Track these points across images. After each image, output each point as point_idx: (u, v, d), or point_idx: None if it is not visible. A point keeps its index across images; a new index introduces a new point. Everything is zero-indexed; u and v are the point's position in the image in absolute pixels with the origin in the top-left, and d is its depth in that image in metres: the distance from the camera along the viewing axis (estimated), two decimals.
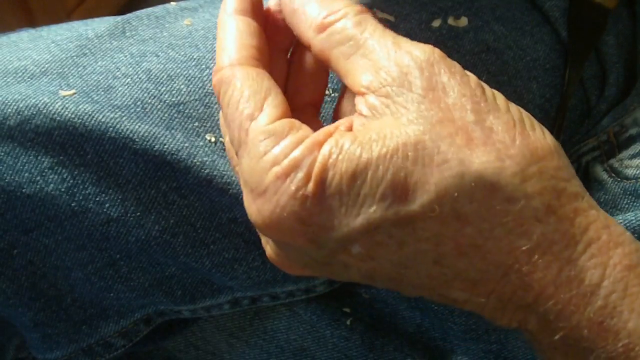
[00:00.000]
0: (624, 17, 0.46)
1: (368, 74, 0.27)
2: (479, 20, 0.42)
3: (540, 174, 0.25)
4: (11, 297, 0.38)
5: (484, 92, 0.27)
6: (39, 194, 0.36)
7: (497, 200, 0.25)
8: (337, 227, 0.26)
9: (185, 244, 0.38)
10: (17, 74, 0.37)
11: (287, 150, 0.27)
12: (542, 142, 0.26)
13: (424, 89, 0.26)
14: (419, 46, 0.27)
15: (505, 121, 0.26)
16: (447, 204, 0.25)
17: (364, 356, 0.43)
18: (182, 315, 0.41)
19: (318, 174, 0.26)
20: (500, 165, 0.25)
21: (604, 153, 0.43)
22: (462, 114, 0.26)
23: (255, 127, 0.28)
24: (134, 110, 0.36)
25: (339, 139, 0.26)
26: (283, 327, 0.43)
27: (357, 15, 0.29)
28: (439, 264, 0.27)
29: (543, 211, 0.25)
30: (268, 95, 0.29)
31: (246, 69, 0.29)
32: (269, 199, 0.27)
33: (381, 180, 0.25)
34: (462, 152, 0.25)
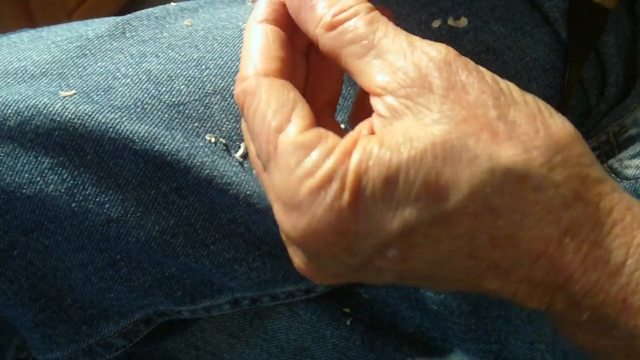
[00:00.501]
0: (623, 17, 0.46)
1: (384, 74, 0.27)
2: (479, 21, 0.42)
3: (565, 162, 0.26)
4: (11, 297, 0.38)
5: (500, 86, 0.27)
6: (39, 194, 0.36)
7: (527, 191, 0.26)
8: (374, 233, 0.27)
9: (185, 245, 0.38)
10: (17, 75, 0.37)
11: (319, 162, 0.27)
12: (563, 131, 0.27)
13: (445, 88, 0.27)
14: (434, 45, 0.28)
15: (527, 113, 0.27)
16: (480, 199, 0.26)
17: (364, 356, 0.43)
18: (182, 316, 0.41)
19: (352, 183, 0.26)
20: (527, 157, 0.26)
21: (604, 153, 0.43)
22: (485, 111, 0.26)
23: (284, 139, 0.28)
24: (134, 111, 0.36)
25: (367, 144, 0.26)
26: (283, 327, 0.43)
27: (368, 13, 0.28)
28: (474, 257, 0.27)
29: (571, 197, 0.26)
30: (295, 107, 0.29)
31: (271, 80, 0.29)
32: (305, 212, 0.27)
33: (414, 182, 0.26)
34: (489, 147, 0.26)
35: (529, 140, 0.26)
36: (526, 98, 0.28)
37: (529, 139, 0.26)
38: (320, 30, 0.29)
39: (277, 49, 0.30)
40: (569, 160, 0.26)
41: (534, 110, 0.27)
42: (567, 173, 0.26)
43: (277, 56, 0.30)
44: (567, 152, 0.26)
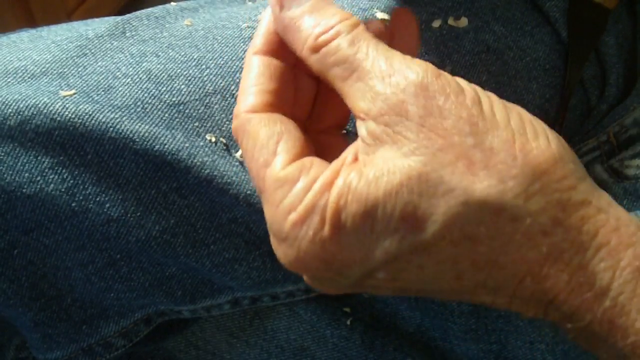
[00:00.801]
0: (623, 17, 0.46)
1: (366, 100, 0.28)
2: (479, 21, 0.42)
3: (543, 189, 0.26)
4: (11, 297, 0.38)
5: (482, 108, 0.27)
6: (39, 194, 0.36)
7: (504, 221, 0.26)
8: (359, 261, 0.28)
9: (185, 244, 0.38)
10: (17, 74, 0.37)
11: (300, 196, 0.28)
12: (544, 154, 0.26)
13: (421, 116, 0.26)
14: (412, 67, 0.27)
15: (505, 138, 0.26)
16: (457, 229, 0.26)
17: (364, 356, 0.43)
18: (183, 315, 0.41)
19: (331, 217, 0.27)
20: (502, 188, 0.26)
21: (604, 153, 0.43)
22: (461, 138, 0.26)
23: (270, 174, 0.29)
24: (134, 111, 0.36)
25: (347, 176, 0.27)
26: (283, 327, 0.43)
27: (350, 32, 0.29)
28: (460, 279, 0.27)
29: (549, 225, 0.26)
30: (280, 139, 0.29)
31: (259, 116, 0.30)
32: (291, 245, 0.28)
33: (391, 215, 0.26)
34: (465, 178, 0.26)
35: (505, 169, 0.26)
36: (510, 117, 0.27)
37: (506, 168, 0.26)
38: (307, 52, 0.29)
39: (266, 82, 0.31)
40: (547, 186, 0.26)
41: (515, 132, 0.27)
42: (544, 201, 0.26)
43: (266, 89, 0.31)
44: (546, 179, 0.26)
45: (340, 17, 0.29)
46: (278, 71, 0.31)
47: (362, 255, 0.27)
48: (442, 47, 0.41)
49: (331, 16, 0.29)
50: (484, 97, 0.28)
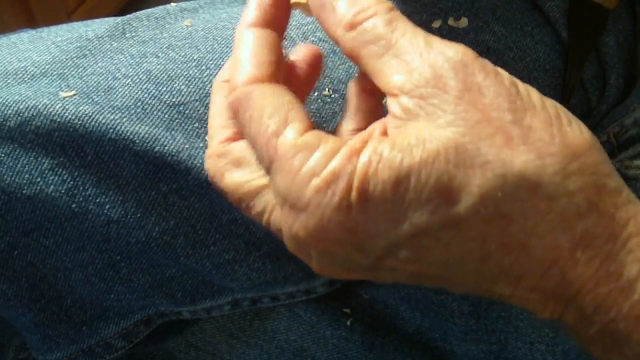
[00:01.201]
0: (624, 17, 0.46)
1: (400, 74, 0.27)
2: (479, 21, 0.42)
3: (580, 170, 0.26)
4: (11, 298, 0.38)
5: (518, 89, 0.27)
6: (39, 195, 0.36)
7: (540, 199, 0.25)
8: (384, 234, 0.26)
9: (185, 246, 0.38)
10: (17, 75, 0.37)
11: (323, 161, 0.26)
12: (580, 138, 0.26)
13: (460, 90, 0.26)
14: (452, 46, 0.27)
15: (543, 119, 0.26)
16: (491, 204, 0.25)
17: (364, 357, 0.43)
18: (183, 316, 0.41)
19: (360, 183, 0.26)
20: (541, 164, 0.25)
21: None
22: (500, 114, 0.26)
23: (283, 142, 0.27)
24: (134, 112, 0.36)
25: (377, 145, 0.26)
26: (283, 327, 0.43)
27: (387, 13, 0.28)
28: (485, 262, 0.27)
29: (585, 207, 0.26)
30: (291, 109, 0.28)
31: (263, 85, 0.29)
32: (313, 213, 0.27)
33: (425, 185, 0.25)
34: (503, 152, 0.25)
35: (543, 147, 0.25)
36: (545, 103, 0.27)
37: (544, 145, 0.25)
38: (341, 31, 0.29)
39: (266, 53, 0.30)
40: (584, 168, 0.26)
41: (552, 115, 0.26)
42: (582, 182, 0.25)
43: (267, 61, 0.30)
44: (583, 160, 0.26)
45: (377, 0, 0.29)
46: (275, 43, 0.31)
47: (389, 227, 0.26)
48: None
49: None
50: (519, 81, 0.27)
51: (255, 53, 0.30)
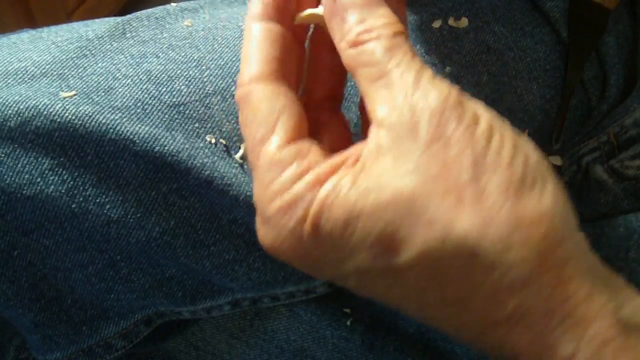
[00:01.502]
0: (624, 17, 0.46)
1: (384, 107, 0.27)
2: (480, 21, 0.42)
3: (523, 242, 0.25)
4: (11, 298, 0.38)
5: (489, 144, 0.26)
6: (39, 195, 0.36)
7: (476, 267, 0.25)
8: (331, 265, 0.28)
9: (185, 246, 0.38)
10: (17, 75, 0.37)
11: (288, 183, 0.27)
12: (534, 206, 0.25)
13: (428, 140, 0.26)
14: (437, 88, 0.27)
15: (501, 181, 0.26)
16: (429, 263, 0.26)
17: (364, 357, 0.43)
18: (183, 316, 0.41)
19: (314, 215, 0.27)
20: (483, 232, 0.25)
21: (605, 154, 0.43)
22: (459, 171, 0.26)
23: (264, 152, 0.28)
24: (134, 112, 0.36)
25: (340, 180, 0.27)
26: (283, 327, 0.43)
27: (390, 39, 0.28)
28: (422, 310, 0.27)
29: (520, 282, 0.25)
30: (281, 115, 0.29)
31: (262, 86, 0.30)
32: (273, 228, 0.28)
33: (370, 231, 0.26)
34: (449, 213, 0.25)
35: (491, 213, 0.25)
36: (514, 160, 0.26)
37: (491, 212, 0.25)
38: (344, 45, 0.29)
39: (269, 49, 0.30)
40: (528, 240, 0.25)
41: (515, 177, 0.26)
42: (522, 255, 0.25)
43: (270, 57, 0.30)
44: (529, 232, 0.25)
45: (385, 21, 0.29)
46: (280, 37, 0.31)
47: (335, 260, 0.27)
48: (443, 48, 0.41)
49: (378, 17, 0.29)
50: (497, 132, 0.27)
51: (259, 49, 0.30)
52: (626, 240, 0.40)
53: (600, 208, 0.42)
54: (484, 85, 0.42)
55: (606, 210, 0.42)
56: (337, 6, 0.29)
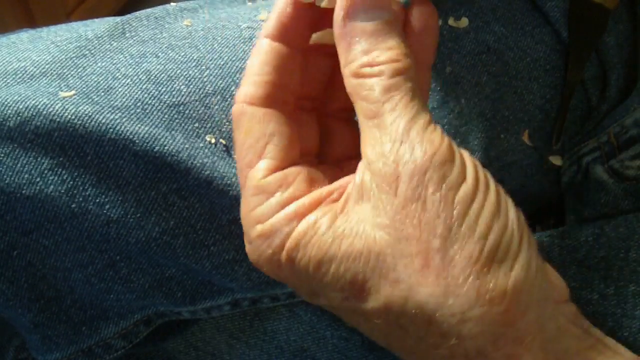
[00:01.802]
0: (624, 18, 0.45)
1: (373, 152, 0.28)
2: (480, 21, 0.42)
3: (480, 318, 0.26)
4: (11, 298, 0.38)
5: (467, 211, 0.26)
6: (39, 195, 0.36)
7: (433, 332, 0.26)
8: (306, 293, 0.29)
9: (185, 246, 0.38)
10: (16, 75, 0.37)
11: (269, 212, 0.29)
12: (499, 283, 0.26)
13: (405, 199, 0.26)
14: (424, 143, 0.27)
15: (470, 253, 0.26)
16: (392, 315, 0.27)
17: (364, 357, 0.43)
18: (182, 317, 0.41)
19: (290, 248, 0.28)
20: (442, 302, 0.26)
21: (605, 154, 0.43)
22: (430, 237, 0.26)
23: (251, 177, 0.30)
24: (134, 112, 0.36)
25: (319, 218, 0.28)
26: (283, 328, 0.43)
27: (390, 78, 0.28)
28: (389, 346, 0.29)
29: (474, 353, 0.26)
30: (270, 141, 0.30)
31: (254, 110, 0.30)
32: (254, 251, 0.29)
33: (342, 276, 0.27)
34: (414, 277, 0.26)
35: (453, 285, 0.26)
36: (491, 231, 0.26)
37: (455, 284, 0.26)
38: (347, 72, 0.29)
39: (269, 72, 0.31)
40: (485, 316, 0.26)
41: (486, 249, 0.26)
42: (477, 330, 0.26)
43: (268, 80, 0.31)
44: (488, 309, 0.26)
45: (390, 57, 0.28)
46: (285, 60, 0.31)
47: (308, 291, 0.29)
48: (443, 48, 0.41)
49: (385, 50, 0.28)
50: (480, 196, 0.27)
51: (260, 70, 0.31)
52: (626, 240, 0.40)
53: (601, 208, 0.42)
54: (484, 85, 0.42)
55: (606, 210, 0.42)
56: (347, 30, 0.29)
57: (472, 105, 0.41)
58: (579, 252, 0.41)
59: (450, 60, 0.41)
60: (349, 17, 0.29)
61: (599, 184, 0.42)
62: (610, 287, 0.39)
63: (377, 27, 0.28)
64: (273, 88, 0.31)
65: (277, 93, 0.31)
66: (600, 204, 0.42)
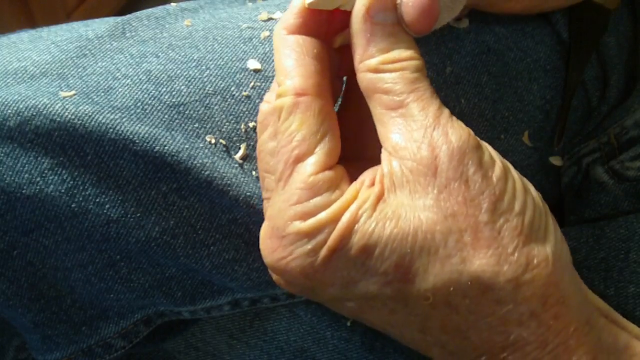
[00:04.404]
0: (624, 18, 0.46)
1: (401, 138, 0.28)
2: (480, 21, 0.42)
3: (532, 281, 0.27)
4: (11, 298, 0.38)
5: (505, 188, 0.28)
6: (39, 195, 0.36)
7: (488, 301, 0.27)
8: (338, 286, 0.29)
9: (185, 245, 0.38)
10: (16, 75, 0.37)
11: (315, 210, 0.28)
12: (540, 251, 0.28)
13: (448, 178, 0.27)
14: (456, 130, 0.28)
15: (514, 225, 0.27)
16: (442, 294, 0.27)
17: (364, 357, 0.43)
18: (182, 317, 0.41)
19: (334, 243, 0.28)
20: (497, 270, 0.27)
21: (605, 155, 0.43)
22: (476, 212, 0.27)
23: (299, 171, 0.29)
24: (134, 112, 0.36)
25: (360, 206, 0.28)
26: (283, 328, 0.43)
27: (413, 72, 0.29)
28: (423, 333, 0.29)
29: (527, 316, 0.27)
30: (324, 137, 0.30)
31: (310, 102, 0.30)
32: (285, 246, 0.29)
33: (387, 259, 0.27)
34: (466, 250, 0.27)
35: (505, 254, 0.27)
36: (526, 206, 0.28)
37: (506, 253, 0.27)
38: (363, 67, 0.30)
39: (313, 63, 0.31)
40: (536, 280, 0.27)
41: (525, 223, 0.28)
42: (530, 292, 0.27)
43: (314, 70, 0.31)
44: (538, 272, 0.27)
45: (411, 55, 0.29)
46: (319, 50, 0.31)
47: (343, 282, 0.28)
48: (443, 48, 0.41)
49: (405, 49, 0.29)
50: (511, 177, 0.28)
51: (302, 62, 0.31)
52: (627, 241, 0.40)
53: (601, 209, 0.42)
54: (484, 86, 0.42)
55: (607, 211, 0.42)
56: (366, 26, 0.29)
57: (472, 105, 0.41)
58: (579, 253, 0.41)
59: (451, 60, 0.41)
60: (369, 14, 0.29)
61: (599, 185, 0.42)
62: (610, 288, 0.39)
63: (395, 28, 0.29)
64: (320, 77, 0.31)
65: (323, 83, 0.31)
66: (601, 204, 0.42)
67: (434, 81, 0.41)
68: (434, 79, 0.41)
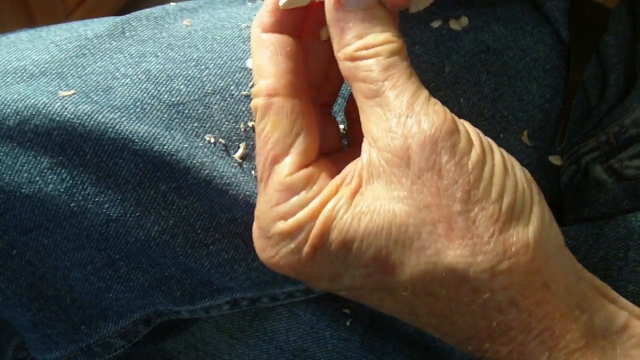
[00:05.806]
0: (624, 17, 0.45)
1: (378, 128, 0.28)
2: (479, 20, 0.42)
3: (509, 270, 0.27)
4: (10, 297, 0.38)
5: (482, 175, 0.27)
6: (38, 194, 0.36)
7: (465, 290, 0.27)
8: (327, 280, 0.30)
9: (184, 245, 0.38)
10: (16, 74, 0.37)
11: (294, 209, 0.29)
12: (520, 237, 0.27)
13: (421, 169, 0.27)
14: (430, 115, 0.28)
15: (490, 213, 0.27)
16: (420, 284, 0.28)
17: (363, 357, 0.43)
18: (182, 316, 0.41)
19: (314, 240, 0.28)
20: (472, 261, 0.27)
21: (604, 154, 0.43)
22: (450, 202, 0.27)
23: (276, 173, 0.30)
24: (133, 111, 0.36)
25: (337, 202, 0.28)
26: (283, 328, 0.43)
27: (387, 57, 0.29)
28: (414, 317, 0.29)
29: (506, 303, 0.27)
30: (297, 137, 0.30)
31: (282, 102, 0.30)
32: (272, 246, 0.30)
33: (365, 252, 0.28)
34: (440, 242, 0.27)
35: (480, 244, 0.27)
36: (505, 189, 0.28)
37: (481, 243, 0.27)
38: (341, 56, 0.30)
39: (286, 61, 0.31)
40: (514, 268, 0.27)
41: (503, 208, 0.27)
42: (508, 281, 0.27)
43: (287, 69, 0.31)
44: (515, 260, 0.27)
45: (386, 39, 0.29)
46: (293, 48, 0.31)
47: (330, 276, 0.29)
48: (442, 47, 0.41)
49: (379, 32, 0.29)
50: (489, 160, 0.28)
51: (274, 61, 0.31)
52: (626, 240, 0.40)
53: (600, 208, 0.42)
54: (484, 85, 0.42)
55: (606, 210, 0.42)
56: (339, 15, 0.30)
57: (471, 105, 0.41)
58: (579, 251, 0.41)
59: (450, 59, 0.41)
60: (340, 3, 0.29)
61: (598, 184, 0.42)
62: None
63: (368, 12, 0.29)
64: (293, 76, 0.31)
65: (297, 81, 0.31)
66: (600, 203, 0.42)
67: (433, 80, 0.41)
68: (433, 78, 0.41)
